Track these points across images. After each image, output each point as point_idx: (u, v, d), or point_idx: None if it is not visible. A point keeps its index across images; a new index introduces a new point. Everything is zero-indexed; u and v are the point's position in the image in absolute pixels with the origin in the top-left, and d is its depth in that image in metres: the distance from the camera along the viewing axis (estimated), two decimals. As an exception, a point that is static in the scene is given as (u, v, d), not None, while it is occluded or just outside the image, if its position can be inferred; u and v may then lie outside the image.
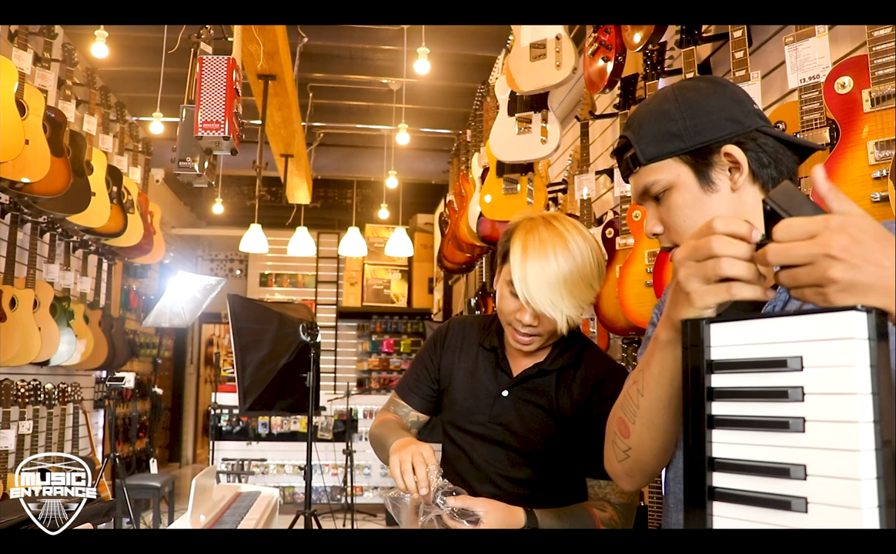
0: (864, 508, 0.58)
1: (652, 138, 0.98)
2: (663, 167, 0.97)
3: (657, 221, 1.00)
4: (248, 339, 3.38)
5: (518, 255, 1.38)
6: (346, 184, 8.81)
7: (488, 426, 1.50)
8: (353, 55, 5.34)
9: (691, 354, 0.74)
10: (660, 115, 0.99)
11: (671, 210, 0.98)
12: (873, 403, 0.60)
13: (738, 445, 0.69)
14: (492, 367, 1.55)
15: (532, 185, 3.39)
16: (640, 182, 1.01)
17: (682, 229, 0.97)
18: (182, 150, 2.81)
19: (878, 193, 1.47)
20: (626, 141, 1.02)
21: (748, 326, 0.71)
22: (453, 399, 1.58)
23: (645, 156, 0.99)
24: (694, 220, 0.96)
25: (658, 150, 0.97)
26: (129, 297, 6.91)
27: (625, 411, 0.99)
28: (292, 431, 6.87)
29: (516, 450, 1.48)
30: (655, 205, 1.01)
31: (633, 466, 1.02)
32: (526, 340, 1.44)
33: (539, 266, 1.35)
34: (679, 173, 0.97)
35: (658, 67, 2.52)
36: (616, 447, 1.04)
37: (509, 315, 1.44)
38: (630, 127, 1.02)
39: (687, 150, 0.96)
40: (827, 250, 0.65)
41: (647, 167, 0.99)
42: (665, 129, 0.97)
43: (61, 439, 4.23)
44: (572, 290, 1.35)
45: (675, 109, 0.98)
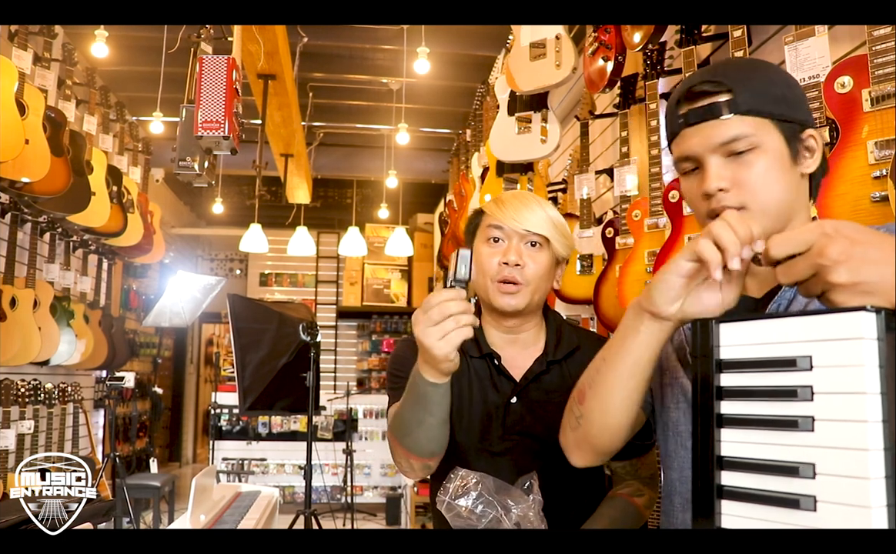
0: (873, 507, 0.58)
1: (755, 92, 0.93)
2: (758, 125, 0.93)
3: (723, 178, 0.94)
4: (248, 338, 3.38)
5: (493, 202, 1.43)
6: (346, 183, 8.81)
7: (505, 439, 1.38)
8: (352, 55, 5.34)
9: (701, 356, 0.74)
10: (763, 76, 0.96)
11: (754, 170, 0.93)
12: (882, 403, 0.60)
13: (747, 444, 0.69)
14: (488, 376, 1.43)
15: (532, 185, 3.39)
16: (721, 132, 0.94)
17: (762, 192, 0.93)
18: (182, 150, 2.80)
19: (878, 193, 1.48)
20: (717, 86, 0.95)
21: (757, 325, 0.71)
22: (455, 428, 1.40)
23: (745, 105, 0.93)
24: (778, 187, 0.93)
25: (760, 106, 0.93)
26: (129, 296, 6.91)
27: (586, 378, 1.02)
28: (292, 431, 6.87)
29: (543, 457, 1.36)
30: (724, 161, 0.94)
31: (582, 436, 1.04)
32: (513, 288, 1.38)
33: (516, 194, 1.43)
34: (773, 137, 0.94)
35: (658, 67, 2.53)
36: (571, 414, 1.06)
37: (493, 266, 1.39)
38: (721, 75, 0.95)
39: (787, 119, 0.94)
40: (826, 257, 0.67)
41: (740, 119, 0.93)
42: (770, 90, 0.94)
43: (61, 439, 4.22)
44: (551, 214, 1.40)
45: (777, 77, 0.96)
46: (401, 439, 1.28)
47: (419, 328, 1.08)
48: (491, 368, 1.44)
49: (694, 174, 0.99)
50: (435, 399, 1.18)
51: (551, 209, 1.42)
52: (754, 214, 0.91)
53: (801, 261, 0.70)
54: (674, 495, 1.04)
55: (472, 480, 1.18)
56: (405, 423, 1.25)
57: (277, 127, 4.95)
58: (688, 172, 1.00)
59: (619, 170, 2.72)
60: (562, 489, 1.37)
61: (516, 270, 1.37)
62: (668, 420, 1.05)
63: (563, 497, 1.37)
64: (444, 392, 1.18)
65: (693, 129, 0.96)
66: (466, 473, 1.17)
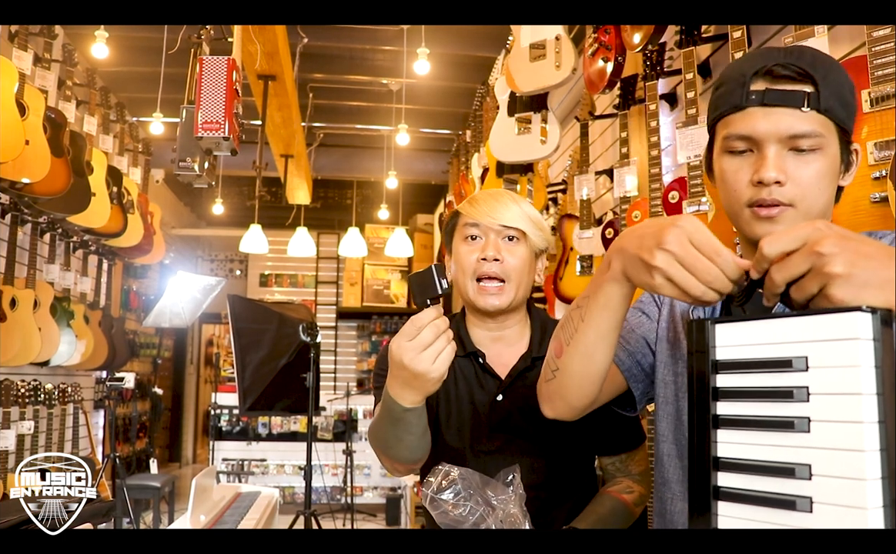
0: (869, 507, 0.58)
1: (835, 94, 0.90)
2: (827, 127, 0.90)
3: (781, 170, 0.89)
4: (248, 339, 3.38)
5: (467, 202, 1.44)
6: (346, 184, 8.81)
7: (493, 438, 1.38)
8: (352, 55, 5.34)
9: (696, 357, 0.74)
10: (841, 77, 0.92)
11: (811, 169, 0.90)
12: (878, 404, 0.60)
13: (743, 445, 0.69)
14: (473, 374, 1.43)
15: (532, 186, 3.39)
16: (796, 124, 0.89)
17: (812, 195, 0.90)
18: (182, 151, 2.80)
19: (878, 194, 1.48)
20: (803, 75, 0.90)
21: (753, 326, 0.71)
22: (442, 429, 1.42)
23: (825, 104, 0.89)
24: (827, 193, 0.91)
25: (835, 109, 0.90)
26: (130, 297, 6.91)
27: (563, 332, 1.01)
28: (292, 432, 6.87)
29: (529, 453, 1.37)
30: (785, 153, 0.90)
31: (556, 388, 1.04)
32: (495, 288, 1.38)
33: (490, 192, 1.45)
34: (834, 142, 0.91)
35: (658, 68, 2.53)
36: (547, 367, 1.06)
37: (472, 263, 1.39)
38: (808, 65, 0.90)
39: (846, 127, 0.92)
40: (821, 249, 0.67)
41: (817, 116, 0.89)
42: (843, 94, 0.91)
43: (61, 440, 4.22)
44: (525, 208, 1.41)
45: (848, 82, 0.93)
46: (383, 450, 1.28)
47: (409, 356, 1.05)
48: (476, 366, 1.44)
49: (743, 156, 0.93)
50: (412, 420, 1.17)
51: (525, 204, 1.43)
52: (799, 213, 0.90)
53: (796, 256, 0.70)
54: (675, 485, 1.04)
55: (455, 473, 1.18)
56: (384, 439, 1.25)
57: (277, 127, 4.95)
58: (736, 152, 0.93)
59: (618, 170, 2.72)
60: (551, 486, 1.37)
61: (496, 265, 1.37)
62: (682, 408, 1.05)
63: (552, 494, 1.37)
64: (421, 411, 1.18)
65: (765, 111, 0.90)
66: (449, 469, 1.17)
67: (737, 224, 0.96)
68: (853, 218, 1.50)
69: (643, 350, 1.12)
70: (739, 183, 0.93)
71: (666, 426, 1.07)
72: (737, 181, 0.93)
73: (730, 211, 0.97)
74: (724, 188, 0.97)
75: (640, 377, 1.13)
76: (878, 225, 1.46)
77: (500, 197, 1.42)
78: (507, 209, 1.39)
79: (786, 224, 0.90)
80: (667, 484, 1.06)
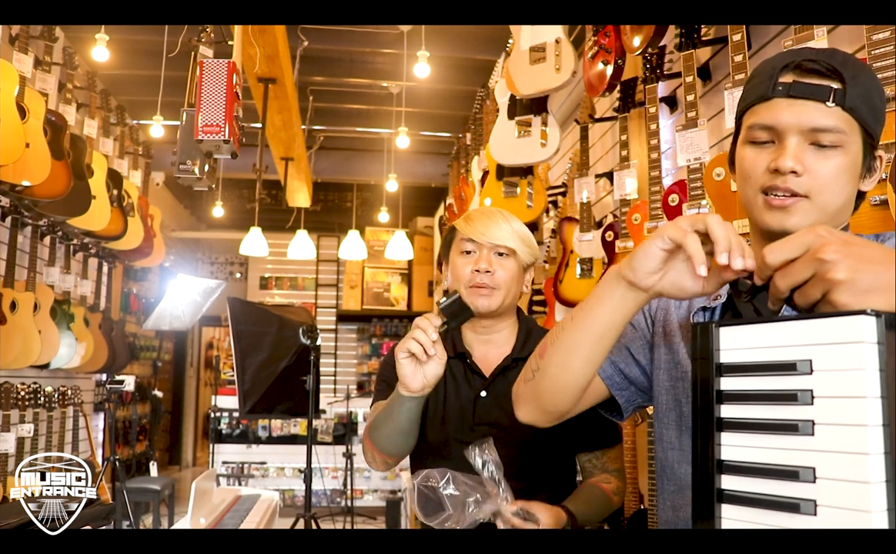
0: (873, 511, 0.58)
1: (860, 93, 0.91)
2: (851, 126, 0.90)
3: (799, 160, 0.90)
4: (248, 342, 3.37)
5: (463, 220, 1.59)
6: (346, 187, 8.81)
7: (476, 429, 1.51)
8: (353, 58, 5.34)
9: (701, 359, 0.74)
10: (871, 80, 0.93)
11: (830, 165, 0.90)
12: (882, 407, 0.60)
13: (747, 448, 0.69)
14: (462, 373, 1.59)
15: (532, 189, 3.40)
16: (819, 117, 0.90)
17: (829, 190, 0.91)
18: (182, 154, 2.80)
19: (878, 197, 1.48)
20: (832, 71, 0.91)
21: (757, 329, 0.71)
22: (430, 422, 1.57)
23: (851, 102, 0.90)
24: (844, 192, 0.92)
25: (860, 109, 0.90)
26: (130, 300, 6.90)
27: (550, 335, 1.04)
28: (292, 434, 6.86)
29: (509, 445, 1.46)
30: (805, 146, 0.91)
31: (532, 390, 1.06)
32: (486, 290, 1.53)
33: (484, 211, 1.60)
34: (856, 143, 0.92)
35: (657, 71, 2.53)
36: (528, 367, 1.09)
37: (467, 274, 1.54)
38: (838, 63, 0.91)
39: (871, 131, 0.92)
40: (823, 255, 0.68)
41: (841, 113, 0.90)
42: (871, 97, 0.92)
43: (61, 442, 4.22)
44: (516, 227, 1.56)
45: (878, 87, 0.94)
46: (371, 434, 1.50)
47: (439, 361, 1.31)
48: (464, 365, 1.60)
49: (764, 147, 0.94)
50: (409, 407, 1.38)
51: (516, 223, 1.58)
52: (813, 207, 0.90)
53: (799, 262, 0.70)
54: (683, 490, 1.03)
55: (438, 473, 1.29)
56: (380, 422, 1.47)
57: (278, 130, 4.96)
58: (758, 142, 0.95)
59: (618, 173, 2.72)
60: (529, 477, 1.46)
61: (487, 276, 1.53)
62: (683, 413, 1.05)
63: (531, 485, 1.44)
64: (420, 402, 1.39)
65: (790, 102, 0.91)
66: (434, 470, 1.30)
67: (750, 214, 0.97)
68: (853, 221, 1.50)
69: (626, 359, 1.13)
70: (756, 170, 0.94)
71: (673, 433, 1.07)
72: (754, 168, 0.95)
73: (745, 199, 0.97)
74: (741, 175, 0.98)
75: (622, 385, 1.13)
76: (879, 228, 1.46)
77: (493, 216, 1.58)
78: (499, 229, 1.54)
79: (799, 216, 0.91)
80: (681, 490, 1.04)
